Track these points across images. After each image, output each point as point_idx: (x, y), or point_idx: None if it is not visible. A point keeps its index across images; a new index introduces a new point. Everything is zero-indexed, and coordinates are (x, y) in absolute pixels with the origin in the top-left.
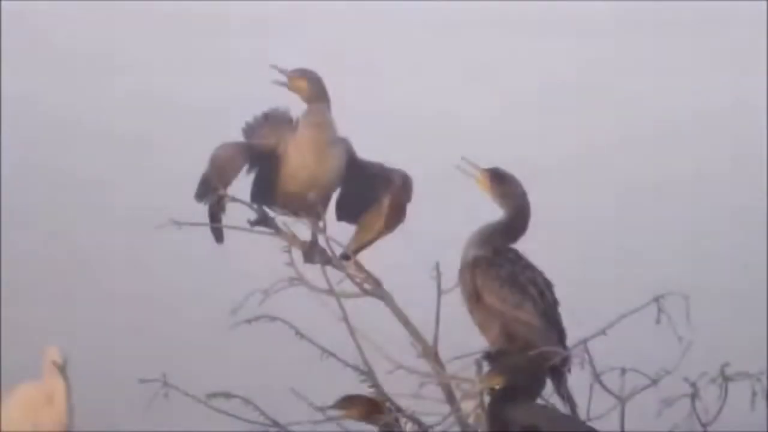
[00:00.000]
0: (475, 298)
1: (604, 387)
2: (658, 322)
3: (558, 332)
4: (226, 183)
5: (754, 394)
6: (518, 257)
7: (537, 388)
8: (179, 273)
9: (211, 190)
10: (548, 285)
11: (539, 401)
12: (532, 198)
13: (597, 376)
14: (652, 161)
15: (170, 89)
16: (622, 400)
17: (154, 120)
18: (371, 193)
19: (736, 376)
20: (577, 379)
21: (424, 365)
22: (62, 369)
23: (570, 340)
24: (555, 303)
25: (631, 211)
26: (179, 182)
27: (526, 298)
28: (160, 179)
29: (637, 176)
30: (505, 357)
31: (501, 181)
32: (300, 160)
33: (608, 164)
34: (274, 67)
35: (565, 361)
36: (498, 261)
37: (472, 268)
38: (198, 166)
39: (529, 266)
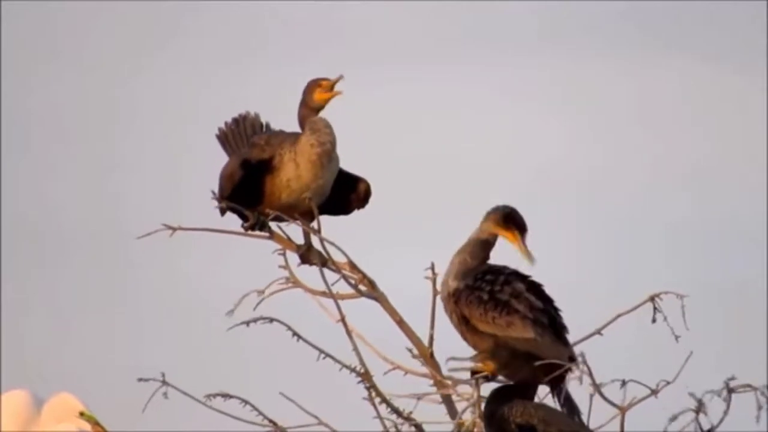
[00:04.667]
0: (464, 325)
1: (604, 398)
2: (654, 321)
3: (556, 332)
4: (225, 193)
5: (759, 407)
6: (498, 273)
7: (532, 392)
8: (178, 274)
9: (218, 200)
10: (534, 287)
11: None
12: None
13: (597, 387)
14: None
15: None
16: (622, 410)
17: None
18: (336, 196)
19: (740, 388)
20: (577, 389)
21: (420, 366)
22: (95, 420)
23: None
24: (548, 300)
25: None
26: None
27: (514, 314)
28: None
29: (635, 173)
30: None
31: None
32: (296, 172)
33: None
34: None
35: (566, 371)
36: (477, 285)
37: (453, 299)
38: None
39: (508, 281)
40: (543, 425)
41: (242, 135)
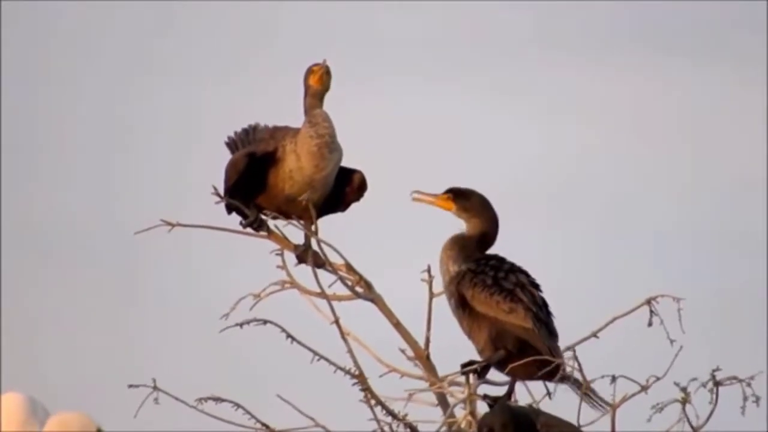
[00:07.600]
0: (462, 308)
1: (595, 395)
2: (650, 324)
3: (549, 332)
4: (230, 182)
5: (744, 398)
6: (501, 262)
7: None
8: (170, 277)
9: (219, 196)
10: (535, 286)
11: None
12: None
13: (588, 384)
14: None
15: None
16: (612, 407)
17: None
18: (332, 191)
19: (726, 380)
20: (568, 386)
21: (416, 368)
22: None
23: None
24: (545, 304)
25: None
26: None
27: (518, 303)
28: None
29: (631, 177)
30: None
31: (464, 198)
32: (298, 163)
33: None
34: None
35: (557, 369)
36: (481, 269)
37: (456, 282)
38: None
39: (513, 269)
40: (545, 429)
41: (251, 144)
